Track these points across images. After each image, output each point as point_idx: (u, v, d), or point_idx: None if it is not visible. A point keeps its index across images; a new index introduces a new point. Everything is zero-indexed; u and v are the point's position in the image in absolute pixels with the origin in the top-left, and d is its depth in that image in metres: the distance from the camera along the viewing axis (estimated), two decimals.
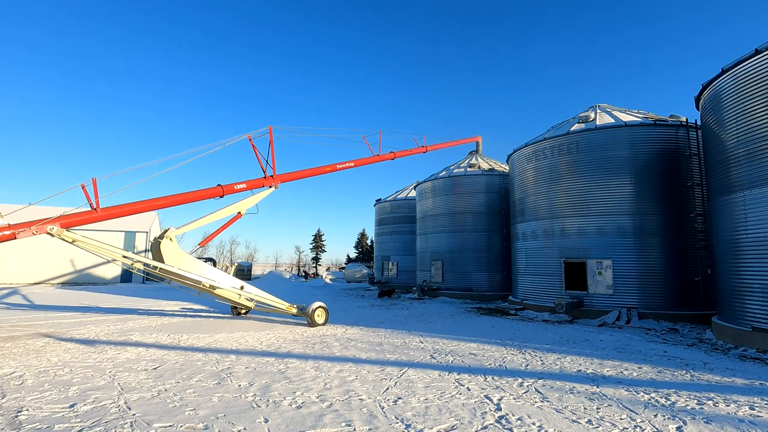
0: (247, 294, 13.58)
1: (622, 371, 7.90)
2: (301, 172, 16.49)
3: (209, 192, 13.40)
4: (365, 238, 72.98)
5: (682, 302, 15.64)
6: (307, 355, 9.06)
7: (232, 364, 8.08)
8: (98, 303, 19.91)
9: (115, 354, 8.85)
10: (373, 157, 19.34)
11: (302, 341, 10.74)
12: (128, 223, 37.75)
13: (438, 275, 27.00)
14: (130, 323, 13.47)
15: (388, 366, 8.09)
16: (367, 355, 9.05)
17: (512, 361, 8.68)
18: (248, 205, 14.55)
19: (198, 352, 9.17)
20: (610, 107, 20.14)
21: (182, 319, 14.80)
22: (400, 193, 38.16)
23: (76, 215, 10.70)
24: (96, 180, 10.80)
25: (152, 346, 9.85)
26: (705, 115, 14.17)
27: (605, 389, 6.71)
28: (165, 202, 12.24)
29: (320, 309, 13.62)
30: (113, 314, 15.76)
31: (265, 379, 7.09)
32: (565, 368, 8.08)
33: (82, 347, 9.53)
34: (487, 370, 7.89)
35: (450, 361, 8.60)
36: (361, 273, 50.33)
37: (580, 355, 9.39)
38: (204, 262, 15.28)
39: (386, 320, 15.33)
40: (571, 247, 17.62)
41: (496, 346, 10.24)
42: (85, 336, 11.05)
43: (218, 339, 10.89)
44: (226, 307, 18.28)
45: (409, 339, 11.20)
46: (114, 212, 11.26)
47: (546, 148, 19.00)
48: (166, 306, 19.16)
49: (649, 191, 16.45)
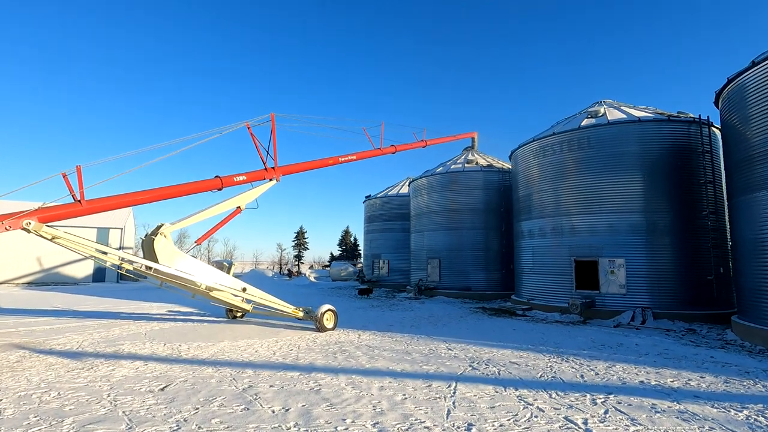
0: (250, 297, 12.35)
1: (688, 382, 7.22)
2: (303, 164, 15.31)
3: (207, 184, 12.10)
4: (349, 235, 71.71)
5: (695, 302, 15.33)
6: (334, 368, 8.00)
7: (253, 382, 6.95)
8: (73, 306, 18.13)
9: (109, 371, 7.56)
10: (374, 151, 18.38)
11: (319, 350, 9.66)
12: (101, 218, 35.39)
13: (435, 274, 26.22)
14: (115, 330, 12.03)
15: (432, 380, 7.15)
16: (401, 367, 8.07)
17: (562, 371, 7.88)
18: (248, 199, 13.30)
19: (206, 366, 7.97)
20: (617, 103, 19.75)
21: (173, 324, 13.41)
22: (391, 190, 37.22)
23: (57, 208, 9.25)
24: (81, 168, 9.37)
25: (150, 359, 8.57)
26: (727, 111, 13.79)
27: (688, 405, 5.97)
28: (159, 194, 10.88)
29: (329, 312, 12.54)
30: (93, 319, 14.19)
31: (300, 401, 6.02)
32: (625, 380, 7.33)
33: (68, 362, 8.16)
34: (543, 383, 7.05)
35: (496, 372, 7.73)
36: (347, 271, 49.22)
37: (627, 362, 8.70)
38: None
39: (396, 323, 14.38)
40: (582, 246, 17.10)
41: (532, 353, 9.45)
42: (68, 347, 9.62)
43: (223, 348, 9.67)
44: (216, 309, 16.91)
45: (435, 345, 10.28)
46: (101, 205, 9.84)
47: (555, 143, 18.42)
48: (150, 309, 17.59)
49: (662, 188, 16.07)
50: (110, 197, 9.99)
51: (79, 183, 9.35)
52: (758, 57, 12.15)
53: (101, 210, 9.95)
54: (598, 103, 20.24)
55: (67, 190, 9.43)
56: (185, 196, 11.64)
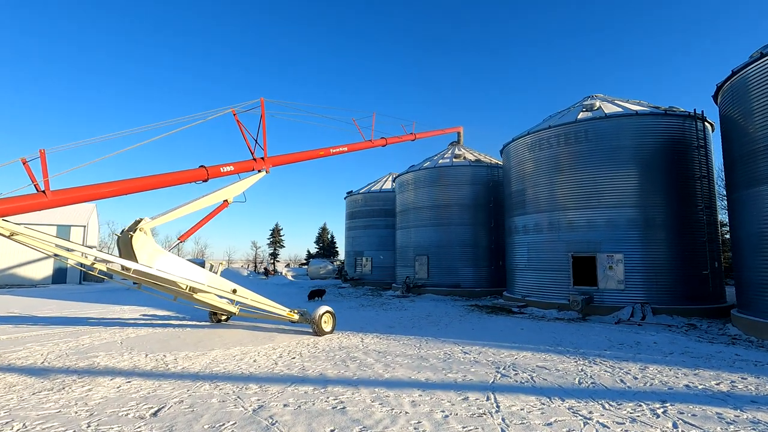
0: (241, 299, 11.22)
1: (734, 385, 6.75)
2: (294, 155, 14.23)
3: (191, 174, 10.86)
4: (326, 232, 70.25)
5: (692, 297, 15.29)
6: (349, 379, 7.10)
7: (262, 400, 5.96)
8: (32, 311, 16.33)
9: (85, 391, 6.36)
10: (365, 143, 17.52)
11: (325, 357, 8.72)
12: (62, 215, 32.84)
13: (423, 271, 25.58)
14: (85, 339, 10.64)
15: (465, 391, 6.37)
16: (425, 376, 7.26)
17: (598, 375, 7.28)
18: (236, 192, 12.12)
19: (201, 381, 6.89)
20: (609, 97, 19.59)
21: (151, 330, 12.09)
22: (374, 185, 36.33)
23: (16, 200, 7.86)
24: (45, 152, 8.03)
25: (132, 374, 7.39)
26: (729, 104, 13.68)
27: (755, 413, 5.45)
28: (138, 184, 9.59)
29: (327, 314, 11.58)
30: (57, 326, 12.65)
31: (327, 424, 5.09)
32: (669, 384, 6.79)
33: (32, 381, 6.89)
34: (587, 392, 6.40)
35: (529, 379, 7.04)
36: (327, 269, 48.03)
37: (656, 362, 8.22)
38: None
39: (395, 324, 13.56)
40: (579, 241, 16.80)
41: (555, 355, 8.85)
42: (30, 361, 8.26)
43: (216, 358, 8.57)
44: (195, 311, 15.59)
45: (448, 348, 9.53)
46: (70, 196, 8.50)
47: (551, 136, 18.04)
48: (121, 313, 16.06)
49: (659, 183, 15.94)
50: (81, 187, 8.65)
51: (43, 170, 8.01)
52: (765, 47, 12.02)
53: (70, 202, 8.61)
54: (590, 97, 20.02)
55: (29, 178, 8.09)
56: (167, 187, 10.38)
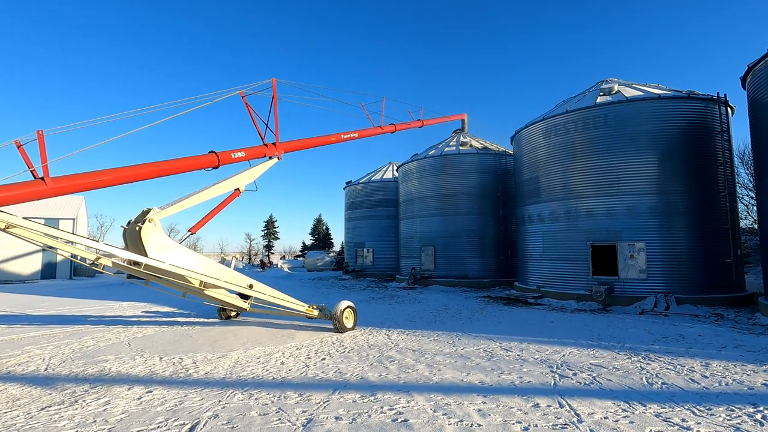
0: (258, 294, 10.44)
1: None
2: (306, 140, 13.40)
3: (201, 160, 10.00)
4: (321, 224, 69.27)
5: (715, 285, 14.89)
6: (395, 383, 6.41)
7: (308, 411, 5.25)
8: (25, 309, 15.34)
9: (102, 405, 5.58)
10: (375, 129, 16.84)
11: (357, 357, 8.03)
12: (49, 207, 31.46)
13: (429, 262, 24.97)
14: (88, 340, 9.79)
15: (530, 396, 5.73)
16: (477, 378, 6.61)
17: (663, 375, 6.71)
18: (248, 179, 11.30)
19: (232, 389, 6.14)
20: (625, 81, 18.99)
21: (158, 328, 11.26)
22: (374, 175, 35.49)
23: (12, 188, 6.96)
24: (43, 134, 7.11)
25: (151, 381, 6.61)
26: (758, 89, 13.16)
27: None
28: (145, 171, 8.70)
29: (349, 310, 10.88)
30: (55, 325, 11.74)
31: None
32: (747, 383, 6.24)
33: (38, 393, 6.07)
34: (665, 394, 5.81)
35: (591, 380, 6.43)
36: (324, 261, 47.29)
37: (715, 358, 7.70)
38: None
39: (416, 318, 12.93)
40: (599, 230, 16.28)
41: (603, 351, 8.28)
42: (33, 368, 7.42)
43: (239, 361, 7.82)
44: (202, 308, 14.80)
45: (485, 345, 8.91)
46: (71, 184, 7.60)
47: (568, 122, 17.40)
48: (120, 309, 15.15)
49: (681, 169, 15.44)
50: (84, 174, 7.75)
51: (42, 154, 7.11)
52: None
53: (72, 190, 7.71)
54: (604, 81, 19.45)
55: (24, 164, 7.18)
56: (176, 174, 9.51)
